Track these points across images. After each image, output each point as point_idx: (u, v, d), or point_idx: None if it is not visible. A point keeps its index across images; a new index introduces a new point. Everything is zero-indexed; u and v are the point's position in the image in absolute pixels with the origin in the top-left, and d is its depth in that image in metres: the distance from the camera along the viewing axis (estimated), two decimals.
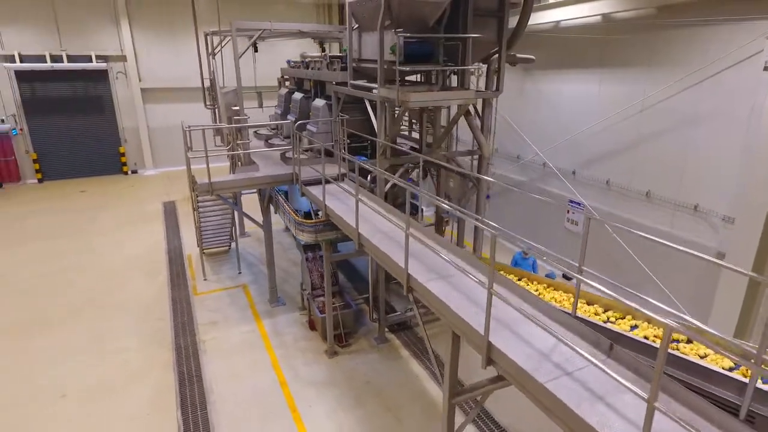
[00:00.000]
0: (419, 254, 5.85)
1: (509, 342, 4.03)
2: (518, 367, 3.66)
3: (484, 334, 3.95)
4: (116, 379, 8.06)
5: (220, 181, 8.51)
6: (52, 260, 12.58)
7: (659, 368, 2.56)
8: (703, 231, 8.56)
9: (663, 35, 8.77)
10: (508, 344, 3.99)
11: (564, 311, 4.65)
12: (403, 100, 6.87)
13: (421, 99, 6.92)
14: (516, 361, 3.69)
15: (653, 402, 2.62)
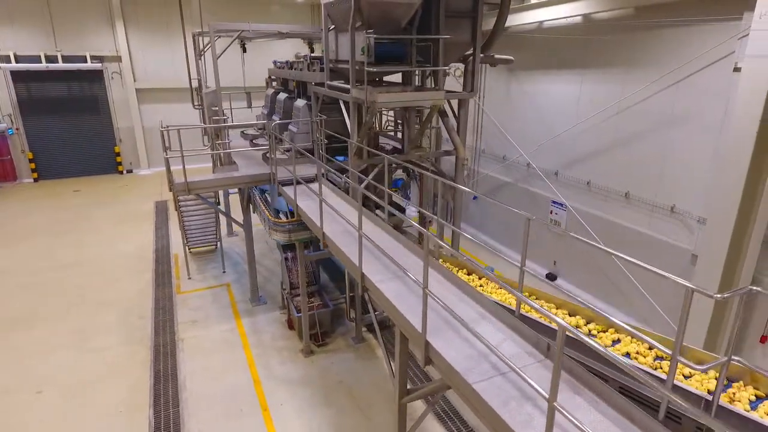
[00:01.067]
0: (381, 254, 5.87)
1: (452, 342, 4.05)
2: (450, 366, 3.69)
3: (421, 332, 3.97)
4: (93, 376, 8.14)
5: (197, 180, 8.57)
6: (43, 258, 12.71)
7: (556, 368, 2.58)
8: (679, 232, 8.54)
9: (640, 36, 8.75)
10: (450, 344, 4.02)
11: (509, 310, 4.65)
12: (371, 101, 6.91)
13: (389, 99, 6.96)
14: (449, 361, 3.72)
15: (553, 402, 2.63)
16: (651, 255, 9.04)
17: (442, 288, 5.06)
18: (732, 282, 7.28)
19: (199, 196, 9.32)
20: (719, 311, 7.46)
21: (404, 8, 7.22)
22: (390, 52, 7.46)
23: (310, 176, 9.28)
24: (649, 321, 9.34)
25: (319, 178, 6.75)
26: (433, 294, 3.91)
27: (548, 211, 11.45)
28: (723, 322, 7.49)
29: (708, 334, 7.55)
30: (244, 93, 14.79)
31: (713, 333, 7.58)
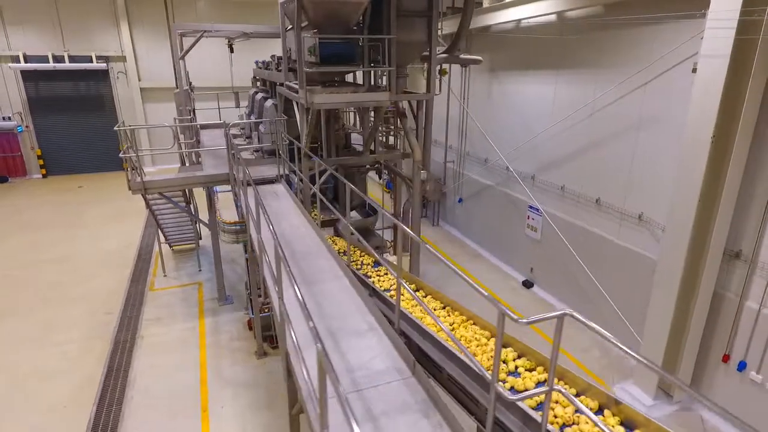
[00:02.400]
0: (301, 258, 5.75)
1: None
2: (306, 381, 3.53)
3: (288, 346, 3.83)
4: (49, 370, 8.29)
5: (154, 180, 8.62)
6: (34, 251, 13.09)
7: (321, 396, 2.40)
8: (646, 241, 8.10)
9: (610, 35, 8.35)
10: None
11: (389, 320, 4.43)
12: (309, 101, 6.78)
13: (326, 100, 6.81)
14: (296, 376, 3.56)
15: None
16: (619, 264, 8.63)
17: (346, 296, 4.89)
18: (692, 296, 6.85)
19: (163, 195, 9.37)
20: (677, 330, 7.02)
21: (351, 7, 7.06)
22: (339, 53, 7.30)
23: (272, 177, 9.24)
24: (615, 331, 8.91)
25: (249, 180, 6.63)
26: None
27: (525, 216, 11.09)
28: (683, 340, 7.04)
29: (666, 354, 7.13)
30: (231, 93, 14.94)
31: (672, 352, 7.15)
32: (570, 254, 9.56)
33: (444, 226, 15.12)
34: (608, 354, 8.81)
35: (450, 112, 13.68)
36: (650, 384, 7.49)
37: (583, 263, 9.25)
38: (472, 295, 10.98)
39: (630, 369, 8.25)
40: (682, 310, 6.93)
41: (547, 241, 10.51)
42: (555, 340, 2.54)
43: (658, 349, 7.17)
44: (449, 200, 14.67)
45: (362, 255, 6.83)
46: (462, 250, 13.43)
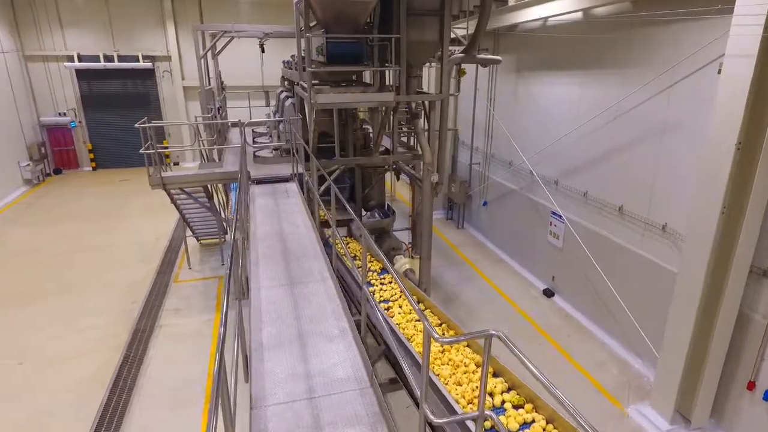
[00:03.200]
0: (294, 259, 5.76)
1: (284, 358, 3.86)
2: (260, 385, 3.51)
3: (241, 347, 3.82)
4: (71, 354, 8.75)
5: (172, 175, 8.91)
6: (74, 240, 13.92)
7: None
8: (671, 254, 7.57)
9: (637, 34, 7.85)
10: (282, 361, 3.83)
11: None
12: (313, 101, 6.78)
13: (330, 100, 6.79)
14: (258, 380, 3.54)
15: None
16: (641, 277, 8.12)
17: (326, 299, 4.84)
18: (714, 314, 6.33)
19: (184, 191, 9.68)
20: (697, 351, 6.52)
21: (359, 7, 7.01)
22: (346, 52, 7.27)
23: (286, 176, 9.34)
24: (635, 347, 8.41)
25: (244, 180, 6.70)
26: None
27: (548, 222, 10.66)
28: (704, 362, 6.52)
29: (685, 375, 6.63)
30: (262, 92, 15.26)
31: (691, 374, 6.64)
32: (591, 264, 9.09)
33: (468, 228, 14.80)
34: (626, 371, 8.31)
35: (477, 113, 13.36)
36: (667, 407, 6.99)
37: (603, 273, 8.77)
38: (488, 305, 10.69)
39: (647, 390, 7.75)
40: (703, 329, 6.42)
41: (569, 249, 10.05)
42: (483, 361, 2.36)
43: (676, 369, 6.69)
44: (474, 203, 14.34)
45: (371, 260, 6.78)
46: (484, 254, 13.09)
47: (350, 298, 6.20)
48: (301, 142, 7.78)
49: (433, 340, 2.27)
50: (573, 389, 7.94)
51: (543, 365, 8.38)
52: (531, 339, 9.33)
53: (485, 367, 2.34)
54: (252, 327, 4.35)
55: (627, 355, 8.61)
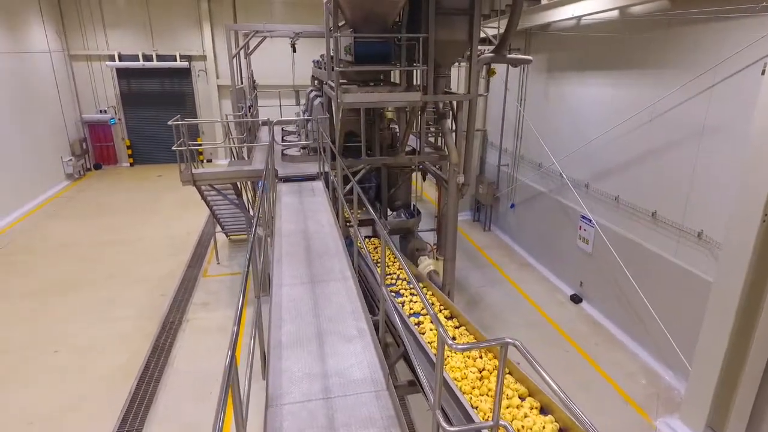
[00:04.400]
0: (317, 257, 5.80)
1: (301, 357, 3.89)
2: (277, 383, 3.54)
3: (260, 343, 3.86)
4: (103, 343, 9.09)
5: (202, 172, 9.13)
6: (110, 233, 14.46)
7: None
8: (707, 263, 7.25)
9: (674, 33, 7.55)
10: (300, 360, 3.85)
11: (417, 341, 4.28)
12: (340, 101, 6.81)
13: (357, 99, 6.80)
14: (271, 378, 3.57)
15: None
16: (674, 285, 7.82)
17: (346, 298, 4.84)
18: (752, 325, 6.03)
19: (213, 187, 9.90)
20: (732, 364, 6.22)
21: (387, 6, 6.99)
22: (373, 52, 7.27)
23: (313, 174, 9.42)
24: (665, 358, 8.11)
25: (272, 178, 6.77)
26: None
27: (577, 226, 10.39)
28: (739, 376, 6.22)
29: (718, 389, 6.34)
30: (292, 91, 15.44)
31: (726, 387, 6.34)
32: (622, 270, 8.81)
33: (495, 231, 14.59)
34: (655, 382, 8.02)
35: (506, 113, 13.16)
36: (699, 421, 6.70)
37: (634, 281, 8.49)
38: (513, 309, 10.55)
39: (677, 403, 7.46)
40: (740, 342, 6.12)
41: (598, 254, 9.77)
42: (499, 370, 2.31)
43: (709, 382, 6.40)
44: (502, 205, 14.13)
45: (400, 269, 6.70)
46: (510, 258, 12.88)
47: (372, 297, 6.20)
48: (327, 141, 7.83)
49: (447, 346, 2.23)
50: (600, 399, 7.72)
51: (569, 373, 8.23)
52: (556, 345, 9.12)
53: (501, 374, 2.29)
54: (272, 324, 4.40)
55: (657, 366, 8.31)
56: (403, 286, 6.25)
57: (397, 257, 3.44)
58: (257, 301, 3.81)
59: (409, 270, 3.23)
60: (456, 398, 3.91)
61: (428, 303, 2.65)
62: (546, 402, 3.47)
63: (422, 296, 2.83)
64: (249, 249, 3.81)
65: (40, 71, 18.50)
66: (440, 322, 2.38)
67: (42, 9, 18.74)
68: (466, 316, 4.94)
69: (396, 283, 6.33)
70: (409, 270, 3.23)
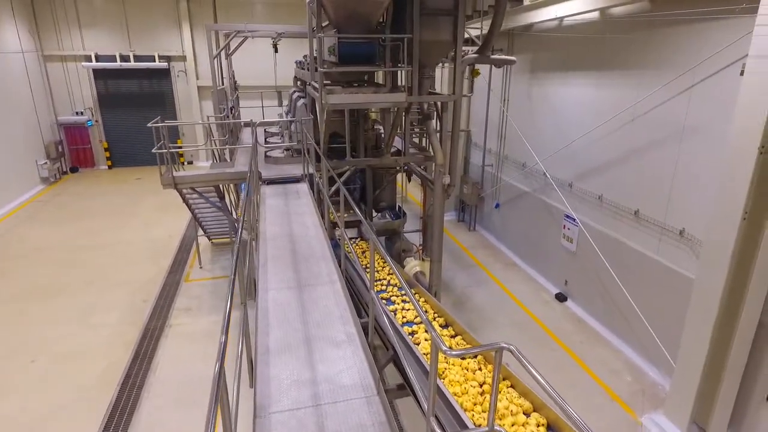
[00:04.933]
0: (303, 260, 5.71)
1: (290, 363, 3.81)
2: (265, 391, 3.46)
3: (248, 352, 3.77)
4: (83, 351, 8.83)
5: (183, 175, 8.94)
6: (88, 237, 14.10)
7: None
8: (688, 260, 7.38)
9: (655, 34, 7.66)
10: (288, 366, 3.77)
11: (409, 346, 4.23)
12: (324, 102, 6.73)
13: (341, 100, 6.73)
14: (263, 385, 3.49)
15: None
16: (657, 283, 7.93)
17: (334, 302, 4.77)
18: (733, 324, 6.13)
19: (195, 190, 9.71)
20: (715, 360, 6.32)
21: (371, 6, 6.93)
22: (358, 52, 7.21)
23: (297, 176, 9.31)
24: (649, 354, 8.22)
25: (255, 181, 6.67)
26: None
27: (561, 225, 10.48)
28: (722, 372, 6.33)
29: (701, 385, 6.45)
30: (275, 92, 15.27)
31: (709, 384, 6.45)
32: (605, 268, 8.91)
33: (480, 231, 14.65)
34: (640, 379, 8.13)
35: (490, 114, 13.22)
36: (683, 417, 6.81)
37: (618, 279, 8.59)
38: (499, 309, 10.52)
39: (661, 398, 7.57)
40: (722, 338, 6.23)
41: (582, 253, 9.87)
42: (494, 374, 2.27)
43: (693, 378, 6.50)
44: (487, 205, 14.19)
45: (390, 274, 6.50)
46: (496, 257, 12.94)
47: (359, 300, 6.14)
48: (311, 142, 7.74)
49: (441, 352, 2.18)
50: (586, 396, 7.79)
51: (555, 371, 8.28)
52: (543, 344, 9.18)
53: (495, 379, 2.25)
54: (259, 330, 4.31)
55: (641, 363, 8.42)
56: (394, 293, 6.10)
57: (388, 262, 3.38)
58: (243, 307, 3.71)
59: (401, 276, 3.17)
60: (448, 403, 3.87)
61: (421, 310, 2.60)
62: (553, 418, 3.44)
63: (415, 303, 2.78)
64: (235, 254, 3.71)
65: (13, 72, 17.95)
66: (434, 327, 2.34)
67: (14, 8, 18.19)
68: (462, 325, 4.79)
69: (386, 290, 6.18)
70: (401, 276, 3.17)
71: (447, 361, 4.15)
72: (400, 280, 3.14)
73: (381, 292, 6.06)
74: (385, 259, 3.65)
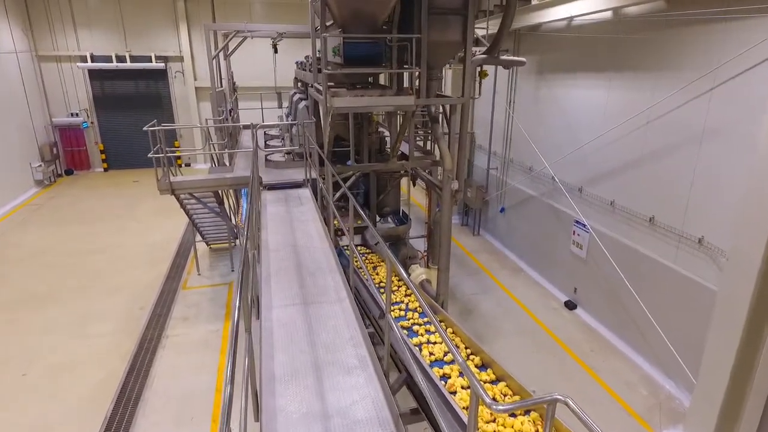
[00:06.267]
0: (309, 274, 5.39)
1: (297, 393, 3.49)
2: (271, 426, 3.14)
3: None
4: (77, 363, 8.49)
5: (181, 180, 8.61)
6: (83, 242, 13.74)
7: None
8: (708, 270, 7.08)
9: (672, 34, 7.37)
10: (297, 397, 3.45)
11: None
12: (329, 105, 6.42)
13: (346, 104, 6.41)
14: (269, 420, 3.17)
15: None
16: (674, 293, 7.64)
17: (343, 321, 4.46)
18: (760, 337, 5.84)
19: (193, 196, 9.38)
20: (740, 378, 6.03)
21: (377, 5, 6.62)
22: (364, 53, 6.89)
23: (299, 181, 8.99)
24: (665, 367, 7.93)
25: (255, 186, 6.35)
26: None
27: (571, 231, 10.19)
28: (747, 390, 6.04)
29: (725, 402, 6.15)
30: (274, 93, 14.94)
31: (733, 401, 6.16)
32: (618, 276, 8.62)
33: (485, 235, 14.35)
34: (656, 392, 7.83)
35: (495, 116, 12.93)
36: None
37: (632, 287, 8.30)
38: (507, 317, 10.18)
39: (679, 413, 7.28)
40: (748, 354, 5.93)
41: (593, 259, 9.58)
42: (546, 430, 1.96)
43: (715, 394, 6.20)
44: (491, 209, 13.90)
45: (408, 295, 5.82)
46: (501, 263, 12.64)
47: (366, 313, 5.82)
48: (315, 146, 7.42)
49: (483, 405, 1.87)
50: (600, 410, 7.49)
51: (566, 382, 7.98)
52: (553, 354, 8.88)
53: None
54: (263, 353, 3.98)
55: (657, 375, 8.13)
56: (415, 320, 5.36)
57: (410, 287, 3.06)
58: (248, 335, 3.39)
59: (425, 303, 2.85)
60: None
61: (456, 350, 2.29)
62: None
63: (448, 342, 2.45)
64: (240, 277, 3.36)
65: (6, 73, 17.57)
66: (475, 376, 2.02)
67: (6, 7, 17.80)
68: (504, 366, 4.08)
69: (407, 317, 5.44)
70: (425, 303, 2.85)
71: (492, 417, 3.56)
72: (425, 308, 2.81)
73: (400, 319, 5.38)
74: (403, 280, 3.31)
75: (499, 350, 8.89)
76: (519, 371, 4.03)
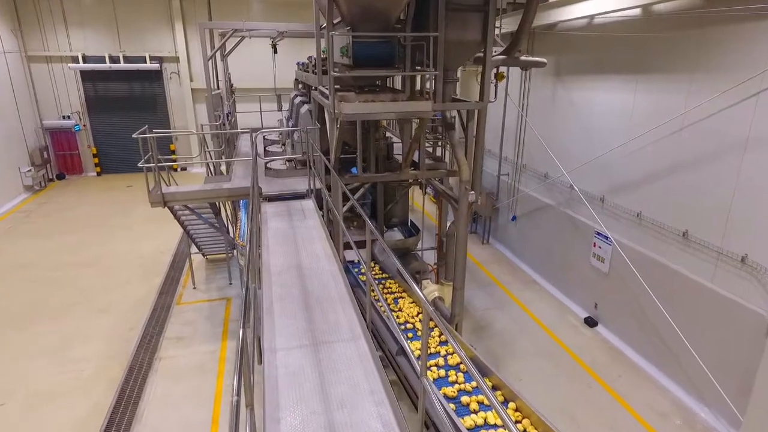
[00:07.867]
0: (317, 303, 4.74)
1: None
2: None
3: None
4: (60, 391, 7.81)
5: (174, 191, 7.95)
6: (73, 252, 13.05)
7: None
8: (753, 291, 6.46)
9: (709, 32, 6.75)
10: None
11: None
12: (337, 111, 5.77)
13: (359, 110, 5.76)
14: None
15: None
16: (713, 315, 7.01)
17: (361, 370, 3.79)
18: None
19: (188, 207, 8.72)
20: None
21: (391, 2, 5.97)
22: (375, 54, 6.23)
23: (302, 192, 8.35)
24: (700, 392, 7.30)
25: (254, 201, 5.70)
26: None
27: (591, 243, 9.56)
28: None
29: None
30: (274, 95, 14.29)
31: None
32: (645, 293, 7.99)
33: (495, 244, 13.72)
34: (693, 423, 7.20)
35: (507, 119, 12.30)
36: None
37: (662, 307, 7.67)
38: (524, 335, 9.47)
39: None
40: None
41: (616, 274, 8.95)
42: None
43: None
44: (501, 217, 13.26)
45: (440, 335, 5.13)
46: (514, 275, 12.00)
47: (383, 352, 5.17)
48: (320, 155, 6.77)
49: None
50: None
51: (593, 410, 7.34)
52: (576, 378, 8.24)
53: None
54: (267, 415, 3.32)
55: (691, 402, 7.50)
56: (460, 382, 4.59)
57: (453, 345, 2.40)
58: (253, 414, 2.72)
59: (477, 375, 2.19)
60: None
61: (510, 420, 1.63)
62: None
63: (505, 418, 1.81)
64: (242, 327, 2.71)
65: None
66: None
67: None
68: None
69: (448, 376, 4.72)
70: (477, 375, 2.19)
71: None
72: (471, 369, 2.15)
73: (439, 382, 4.58)
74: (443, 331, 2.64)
75: (520, 373, 8.26)
76: (544, 399, 3.40)
